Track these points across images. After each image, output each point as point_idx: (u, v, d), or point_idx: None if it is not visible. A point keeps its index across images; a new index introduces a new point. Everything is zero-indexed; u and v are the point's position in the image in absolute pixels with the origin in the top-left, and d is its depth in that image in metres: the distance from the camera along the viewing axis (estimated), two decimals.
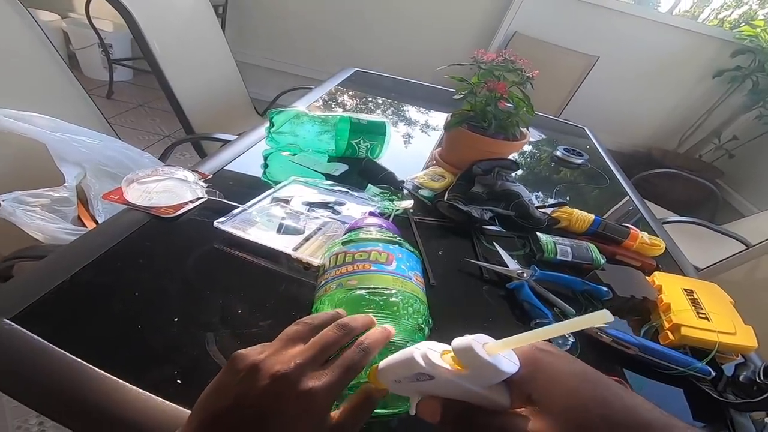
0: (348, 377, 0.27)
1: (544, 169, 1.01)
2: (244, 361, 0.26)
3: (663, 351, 0.51)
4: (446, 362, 0.23)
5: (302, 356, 0.26)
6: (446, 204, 0.66)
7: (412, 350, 0.25)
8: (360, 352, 0.28)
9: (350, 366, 0.27)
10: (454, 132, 0.73)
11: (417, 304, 0.38)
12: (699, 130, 2.23)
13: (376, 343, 0.29)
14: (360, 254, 0.40)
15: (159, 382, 0.36)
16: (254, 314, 0.44)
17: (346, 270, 0.39)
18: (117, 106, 2.09)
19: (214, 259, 0.50)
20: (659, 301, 0.59)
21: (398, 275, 0.38)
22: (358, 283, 0.37)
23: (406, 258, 0.41)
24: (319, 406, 0.25)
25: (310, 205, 0.60)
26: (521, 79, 0.64)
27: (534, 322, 0.52)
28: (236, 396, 0.24)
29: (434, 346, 0.25)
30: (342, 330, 0.29)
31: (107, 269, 0.45)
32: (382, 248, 0.40)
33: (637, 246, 0.69)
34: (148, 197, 0.54)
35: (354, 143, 0.70)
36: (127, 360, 0.37)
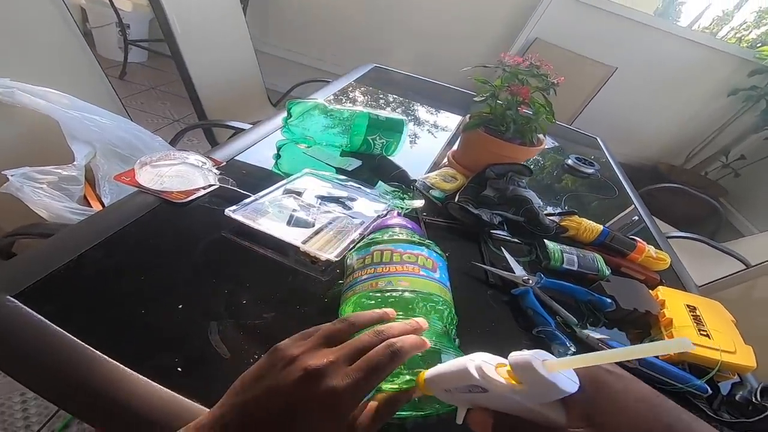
0: (373, 379, 0.26)
1: (554, 176, 1.01)
2: (283, 353, 0.27)
3: (662, 366, 0.51)
4: (501, 376, 0.23)
5: (335, 355, 0.27)
6: (457, 206, 0.66)
7: (465, 361, 0.25)
8: (388, 354, 0.27)
9: (375, 367, 0.26)
10: (471, 134, 0.72)
11: (452, 313, 0.39)
12: (708, 146, 2.22)
13: (407, 349, 0.28)
14: (408, 255, 0.40)
15: (159, 369, 0.35)
16: (259, 305, 0.44)
17: (395, 269, 0.39)
18: (128, 87, 2.08)
19: (222, 248, 0.50)
20: (661, 315, 0.59)
21: (442, 284, 0.40)
22: (409, 285, 0.37)
23: (443, 267, 0.42)
24: (342, 404, 0.25)
25: (321, 198, 0.60)
26: (545, 85, 0.64)
27: (536, 329, 0.52)
28: (269, 386, 0.25)
29: (488, 359, 0.25)
30: (378, 337, 0.29)
31: (115, 251, 0.45)
32: (428, 254, 0.41)
33: (643, 259, 0.69)
34: (160, 181, 0.54)
35: (370, 139, 0.70)
36: (128, 344, 0.37)
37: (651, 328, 0.59)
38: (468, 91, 1.39)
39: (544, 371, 0.21)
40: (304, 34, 2.35)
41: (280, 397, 0.24)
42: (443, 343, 0.33)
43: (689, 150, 2.27)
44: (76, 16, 2.17)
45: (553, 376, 0.21)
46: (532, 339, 0.52)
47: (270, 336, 0.41)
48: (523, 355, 0.22)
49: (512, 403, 0.23)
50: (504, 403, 0.23)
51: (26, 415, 0.85)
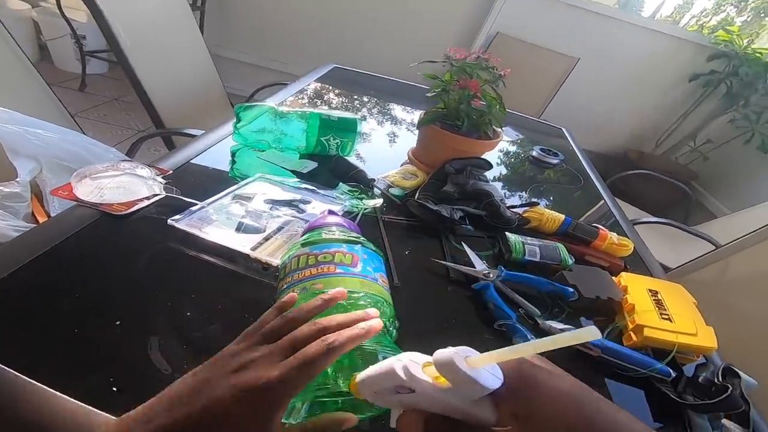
0: (306, 373, 0.25)
1: (519, 168, 1.01)
2: (226, 351, 0.27)
3: (625, 352, 0.51)
4: (428, 375, 0.23)
5: (268, 349, 0.26)
6: (416, 203, 0.65)
7: (392, 362, 0.24)
8: (323, 348, 0.26)
9: (309, 361, 0.25)
10: (426, 130, 0.72)
11: (384, 306, 0.37)
12: (675, 132, 2.28)
13: (342, 342, 0.27)
14: (324, 256, 0.38)
15: (92, 390, 0.34)
16: (203, 317, 0.42)
17: (310, 273, 0.37)
18: (90, 100, 2.01)
19: (166, 260, 0.48)
20: (624, 301, 0.59)
21: (364, 277, 0.37)
22: (324, 286, 0.36)
23: (371, 259, 0.40)
24: (271, 396, 0.24)
25: (273, 203, 0.58)
26: (493, 77, 0.63)
27: (498, 323, 0.52)
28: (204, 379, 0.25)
29: (416, 358, 0.24)
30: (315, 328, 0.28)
31: (50, 268, 0.43)
32: (347, 249, 0.39)
33: (606, 246, 0.69)
34: (100, 193, 0.51)
35: (324, 140, 0.69)
36: (59, 366, 0.35)
37: (615, 314, 0.59)
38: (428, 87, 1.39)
39: (465, 367, 0.20)
40: (264, 38, 2.33)
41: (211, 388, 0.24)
42: (381, 344, 0.32)
43: (657, 137, 2.32)
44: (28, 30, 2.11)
45: (475, 372, 0.20)
46: (493, 333, 0.51)
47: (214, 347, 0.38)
48: (445, 352, 0.21)
49: (441, 403, 0.22)
50: (433, 403, 0.23)
51: None
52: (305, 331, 0.28)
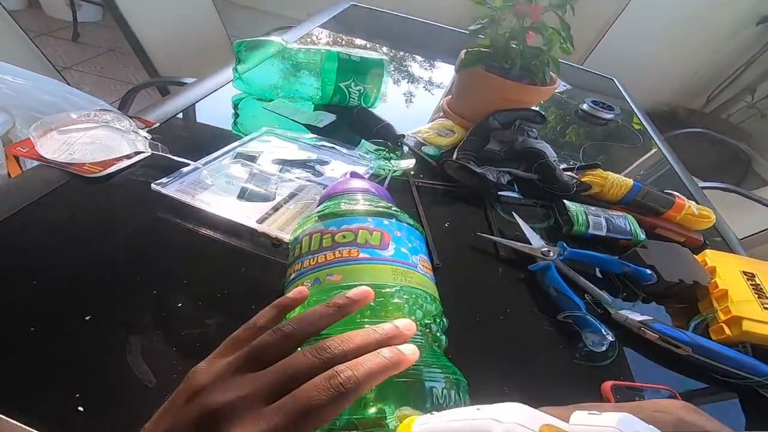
0: (301, 429, 0.17)
1: (566, 125, 0.87)
2: (191, 381, 0.20)
3: (724, 353, 0.41)
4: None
5: (249, 387, 0.18)
6: (455, 164, 0.53)
7: (489, 425, 0.16)
8: (328, 390, 0.18)
9: (304, 411, 0.17)
10: (467, 73, 0.58)
11: (428, 302, 0.27)
12: (732, 85, 2.01)
13: (364, 379, 0.19)
14: (343, 235, 0.28)
15: (51, 411, 0.26)
16: (199, 309, 0.33)
17: (325, 258, 0.27)
18: (85, 51, 1.86)
19: (152, 235, 0.38)
20: (713, 286, 0.48)
21: (399, 263, 0.27)
22: (342, 278, 0.26)
23: (408, 237, 0.29)
24: None
25: (283, 163, 0.47)
26: (561, 0, 0.49)
27: (563, 314, 0.41)
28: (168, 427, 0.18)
29: (523, 418, 0.15)
30: (320, 357, 0.19)
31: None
32: (374, 225, 0.29)
33: (682, 218, 0.57)
34: (68, 150, 0.41)
35: (343, 86, 0.56)
36: (6, 379, 0.27)
37: (699, 302, 0.49)
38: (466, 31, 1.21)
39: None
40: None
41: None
42: (427, 361, 0.23)
43: (710, 91, 2.06)
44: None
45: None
46: (556, 325, 0.41)
47: (213, 349, 0.30)
48: (601, 428, 0.14)
49: None
50: None
51: None
52: (304, 360, 0.19)
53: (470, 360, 0.34)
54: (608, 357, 0.39)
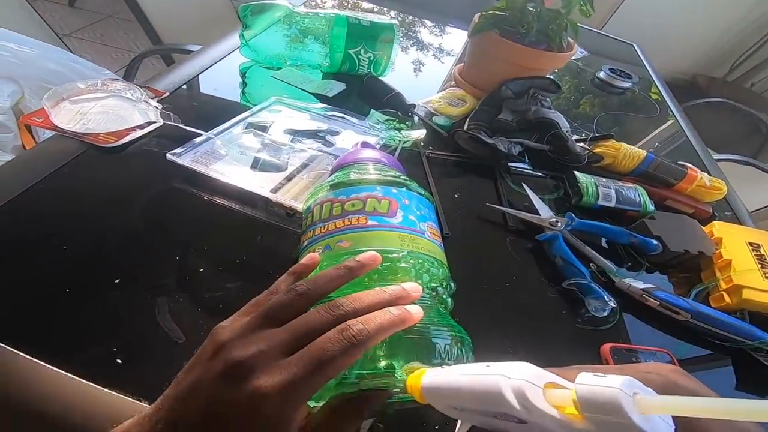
0: (318, 376, 0.19)
1: (582, 93, 0.84)
2: (215, 338, 0.21)
3: (722, 319, 0.42)
4: (552, 403, 0.16)
5: (268, 342, 0.20)
6: (466, 135, 0.53)
7: (497, 381, 0.17)
8: (341, 342, 0.19)
9: (320, 360, 0.19)
10: (481, 39, 0.56)
11: (435, 267, 0.28)
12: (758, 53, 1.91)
13: (374, 332, 0.20)
14: (352, 203, 0.29)
15: (93, 364, 0.28)
16: (220, 273, 0.35)
17: (335, 226, 0.28)
18: (83, 17, 1.79)
19: (170, 204, 0.39)
20: (717, 256, 0.49)
21: (406, 230, 0.28)
22: (351, 244, 0.27)
23: (416, 204, 0.30)
24: (269, 410, 0.18)
25: (294, 134, 0.47)
26: None
27: (568, 282, 0.43)
28: (194, 381, 0.20)
29: (531, 377, 0.16)
30: (333, 313, 0.21)
31: (26, 215, 0.35)
32: (382, 193, 0.29)
33: (693, 189, 0.57)
34: (82, 120, 0.42)
35: (353, 53, 0.55)
36: (50, 335, 0.29)
37: (703, 271, 0.50)
38: None
39: (636, 415, 0.14)
40: None
41: (200, 396, 0.19)
42: (433, 320, 0.24)
43: (734, 59, 1.96)
44: None
45: (648, 422, 0.14)
46: (561, 293, 0.42)
47: (235, 310, 0.32)
48: (605, 390, 0.14)
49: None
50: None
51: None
52: (318, 317, 0.21)
53: (478, 323, 0.36)
54: (609, 322, 0.40)
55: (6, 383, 0.27)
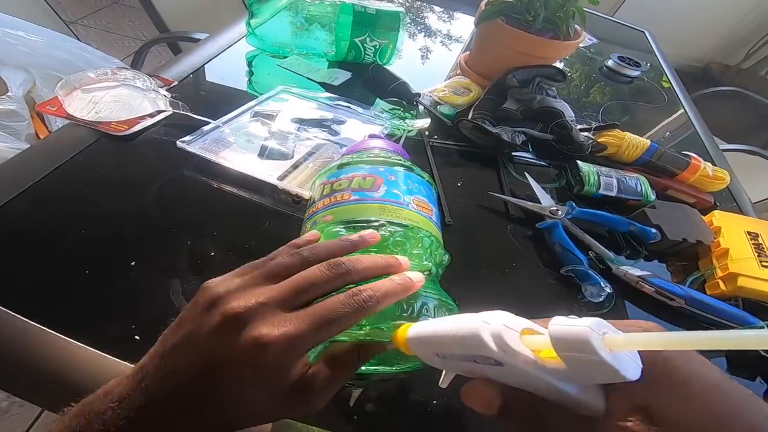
0: (322, 332, 0.20)
1: (589, 83, 0.84)
2: (206, 293, 0.21)
3: (715, 305, 0.43)
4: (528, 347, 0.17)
5: (267, 295, 0.20)
6: (470, 124, 0.53)
7: (477, 325, 0.18)
8: (351, 305, 0.20)
9: (329, 319, 0.20)
10: (487, 27, 0.56)
11: (420, 234, 0.29)
12: None
13: (382, 298, 0.21)
14: (339, 183, 0.31)
15: (114, 339, 0.30)
16: (230, 257, 0.36)
17: (323, 204, 0.30)
18: (87, 4, 1.78)
19: (181, 190, 0.41)
20: (715, 245, 0.50)
21: (388, 201, 0.29)
22: (334, 218, 0.29)
23: (403, 181, 0.31)
24: (271, 359, 0.19)
25: (301, 122, 0.48)
26: None
27: (565, 268, 0.44)
28: (187, 334, 0.20)
29: (509, 322, 0.17)
30: (334, 271, 0.22)
31: (46, 199, 0.37)
32: (369, 171, 0.31)
33: (696, 179, 0.58)
34: (95, 109, 0.43)
35: (358, 42, 0.55)
36: (73, 313, 0.31)
37: (700, 260, 0.51)
38: None
39: (604, 351, 0.15)
40: None
41: (196, 349, 0.19)
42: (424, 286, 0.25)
43: (749, 46, 1.90)
44: None
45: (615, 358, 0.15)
46: (559, 279, 0.44)
47: None
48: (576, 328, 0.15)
49: (531, 379, 0.17)
50: (519, 378, 0.17)
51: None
52: (319, 273, 0.21)
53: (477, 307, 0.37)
54: (605, 307, 0.41)
55: (36, 356, 0.29)
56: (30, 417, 0.81)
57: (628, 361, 0.15)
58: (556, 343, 0.16)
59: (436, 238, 0.30)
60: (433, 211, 0.32)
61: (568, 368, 0.16)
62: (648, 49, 1.08)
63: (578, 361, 0.15)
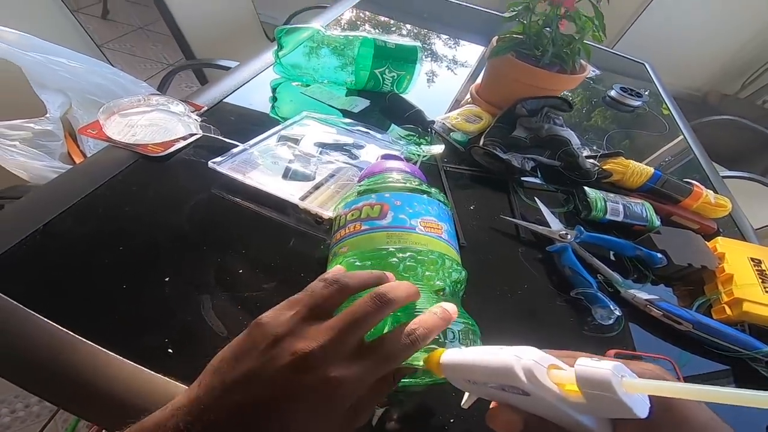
0: (383, 370, 0.23)
1: (592, 111, 0.87)
2: (266, 331, 0.22)
3: (722, 329, 0.44)
4: (554, 381, 0.19)
5: (328, 335, 0.22)
6: (482, 150, 0.56)
7: (510, 360, 0.20)
8: (407, 344, 0.23)
9: (390, 359, 0.23)
10: (499, 61, 0.60)
11: (431, 256, 0.30)
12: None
13: (430, 333, 0.24)
14: (352, 213, 0.33)
15: (147, 351, 0.31)
16: (257, 275, 0.38)
17: (340, 236, 0.33)
18: (114, 29, 1.89)
19: (211, 208, 0.43)
20: (719, 271, 0.51)
21: (394, 228, 0.31)
22: (348, 250, 0.31)
23: (409, 203, 0.33)
24: (341, 396, 0.21)
25: (322, 146, 0.51)
26: None
27: (575, 291, 0.46)
28: (251, 370, 0.21)
29: (538, 358, 0.20)
30: (378, 302, 0.24)
31: (87, 217, 0.39)
32: (376, 199, 0.33)
33: (699, 206, 0.60)
34: (131, 132, 0.46)
35: (378, 73, 0.59)
36: (110, 325, 0.32)
37: (706, 285, 0.52)
38: (497, 12, 1.19)
39: (622, 392, 0.17)
40: None
41: (263, 385, 0.21)
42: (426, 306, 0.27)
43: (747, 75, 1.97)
44: None
45: (630, 398, 0.17)
46: (569, 301, 0.45)
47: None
48: (600, 371, 0.18)
49: (552, 410, 0.19)
50: (541, 407, 0.20)
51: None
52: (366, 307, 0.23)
53: (490, 327, 0.39)
54: (614, 330, 0.43)
55: (75, 366, 0.30)
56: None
57: (640, 401, 0.17)
58: (580, 381, 0.18)
59: (448, 256, 0.31)
60: (444, 229, 0.32)
61: (587, 403, 0.18)
62: (648, 78, 1.12)
63: (598, 398, 0.17)
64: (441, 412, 0.33)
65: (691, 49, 1.95)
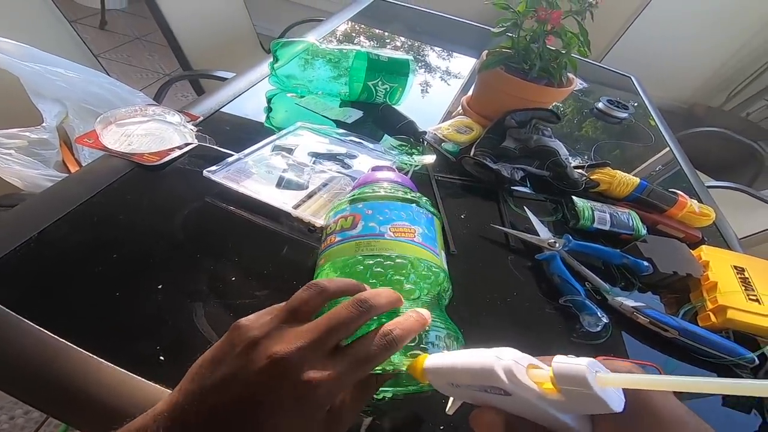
0: (361, 372, 0.23)
1: (581, 123, 0.90)
2: (243, 334, 0.23)
3: (707, 336, 0.45)
4: (533, 380, 0.20)
5: (306, 338, 0.22)
6: (472, 160, 0.57)
7: (491, 361, 0.20)
8: (383, 345, 0.23)
9: (367, 360, 0.23)
10: (488, 74, 0.62)
11: (398, 260, 0.30)
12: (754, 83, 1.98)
13: (406, 335, 0.24)
14: (330, 227, 0.34)
15: (139, 359, 0.32)
16: (249, 282, 0.39)
17: (321, 247, 0.34)
18: (111, 39, 1.90)
19: (205, 217, 0.44)
20: (704, 278, 0.52)
21: (363, 237, 0.31)
22: (324, 262, 0.32)
23: (380, 211, 0.33)
24: (318, 398, 0.21)
25: (316, 156, 0.52)
26: (581, 7, 0.52)
27: (564, 298, 0.46)
28: (228, 374, 0.21)
29: (518, 358, 0.20)
30: (359, 308, 0.24)
31: (82, 225, 0.39)
32: (349, 210, 0.34)
33: (683, 215, 0.61)
34: (127, 141, 0.47)
35: (371, 85, 0.60)
36: (102, 332, 0.33)
37: (690, 292, 0.53)
38: (488, 27, 1.22)
39: (597, 387, 0.17)
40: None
41: (241, 388, 0.21)
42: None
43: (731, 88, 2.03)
44: None
45: (605, 393, 0.18)
46: (557, 308, 0.46)
47: None
48: (575, 366, 0.18)
49: (533, 408, 0.20)
50: (522, 407, 0.20)
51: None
52: (347, 312, 0.23)
53: (479, 333, 0.40)
54: (602, 337, 0.44)
55: (66, 373, 0.30)
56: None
57: (615, 395, 0.18)
58: (557, 378, 0.18)
59: (421, 259, 0.31)
60: (417, 232, 0.32)
61: (565, 400, 0.18)
62: (635, 91, 1.15)
63: (574, 394, 0.18)
64: (430, 420, 0.33)
65: (678, 62, 2.01)
